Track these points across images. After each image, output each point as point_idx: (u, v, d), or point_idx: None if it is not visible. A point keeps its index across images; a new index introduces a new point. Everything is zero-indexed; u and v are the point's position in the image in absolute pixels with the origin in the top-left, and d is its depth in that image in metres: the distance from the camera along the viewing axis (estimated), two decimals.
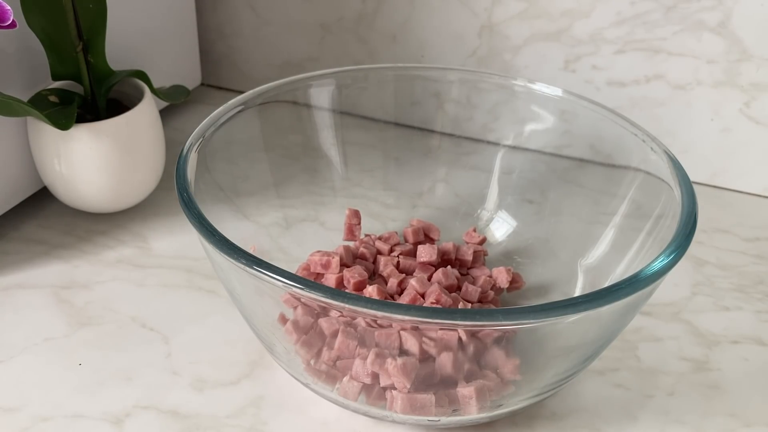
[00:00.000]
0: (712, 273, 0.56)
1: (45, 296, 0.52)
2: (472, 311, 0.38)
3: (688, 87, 0.61)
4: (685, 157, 0.49)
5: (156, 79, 0.57)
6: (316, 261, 0.49)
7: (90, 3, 0.52)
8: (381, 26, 0.67)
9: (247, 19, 0.71)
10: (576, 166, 0.54)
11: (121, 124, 0.53)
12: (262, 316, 0.44)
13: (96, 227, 0.57)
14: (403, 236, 0.54)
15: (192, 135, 0.47)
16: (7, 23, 0.46)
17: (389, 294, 0.47)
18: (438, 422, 0.42)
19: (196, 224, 0.41)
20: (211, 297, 0.52)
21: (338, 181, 0.56)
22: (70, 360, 0.47)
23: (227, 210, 0.50)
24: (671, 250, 0.40)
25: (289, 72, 0.54)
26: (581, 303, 0.37)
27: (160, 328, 0.50)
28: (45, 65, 0.54)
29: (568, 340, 0.42)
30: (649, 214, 0.47)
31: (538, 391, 0.43)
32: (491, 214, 0.55)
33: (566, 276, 0.50)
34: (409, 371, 0.40)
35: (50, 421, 0.44)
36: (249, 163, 0.53)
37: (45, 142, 0.53)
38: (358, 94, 0.56)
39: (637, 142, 0.49)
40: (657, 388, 0.47)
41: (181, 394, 0.45)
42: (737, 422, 0.45)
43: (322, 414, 0.44)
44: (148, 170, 0.56)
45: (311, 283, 0.37)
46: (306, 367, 0.43)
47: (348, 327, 0.42)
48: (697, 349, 0.50)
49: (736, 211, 0.62)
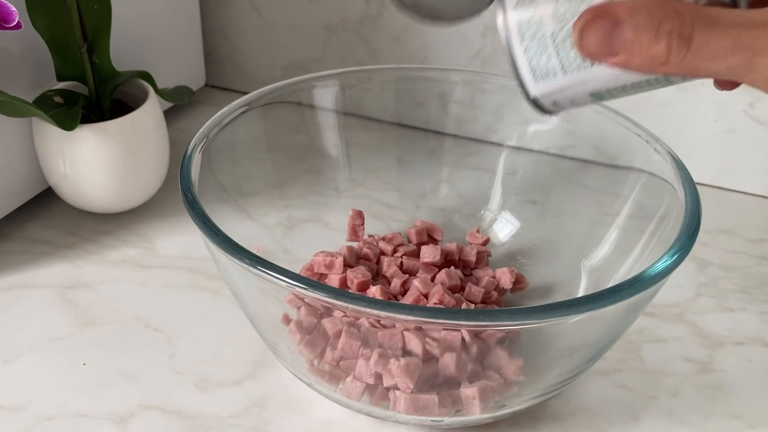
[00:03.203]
0: (715, 274, 0.56)
1: (49, 296, 0.52)
2: (476, 311, 0.38)
3: (692, 88, 0.61)
4: (689, 158, 0.49)
5: (160, 80, 0.57)
6: (319, 261, 0.49)
7: (95, 4, 0.52)
8: (385, 27, 0.67)
9: (251, 21, 0.71)
10: (579, 167, 0.54)
11: (126, 125, 0.54)
12: (265, 316, 0.44)
13: (100, 227, 0.57)
14: (406, 237, 0.54)
15: (196, 136, 0.47)
16: (12, 24, 0.46)
17: (392, 294, 0.48)
18: (441, 422, 0.42)
19: (200, 225, 0.41)
20: (215, 297, 0.52)
21: (342, 182, 0.56)
22: (74, 360, 0.47)
23: (231, 210, 0.50)
24: (675, 251, 0.40)
25: (293, 73, 0.54)
26: (584, 303, 0.37)
27: (164, 328, 0.50)
28: (50, 66, 0.54)
29: (571, 341, 0.42)
30: (653, 215, 0.47)
31: (542, 391, 0.43)
32: (495, 215, 0.55)
33: (570, 277, 0.50)
34: (412, 372, 0.40)
35: (54, 421, 0.44)
36: (253, 164, 0.53)
37: (50, 143, 0.53)
38: (362, 94, 0.56)
39: (640, 143, 0.49)
40: (660, 389, 0.47)
41: (185, 394, 0.45)
42: (741, 423, 0.45)
43: (325, 414, 0.45)
44: (153, 171, 0.57)
45: (315, 284, 0.37)
46: (309, 367, 0.43)
47: (351, 327, 0.42)
48: (701, 350, 0.50)
49: (740, 212, 0.62)
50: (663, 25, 0.28)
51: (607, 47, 0.30)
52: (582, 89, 0.34)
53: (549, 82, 0.34)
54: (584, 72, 0.33)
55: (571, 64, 0.33)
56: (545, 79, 0.34)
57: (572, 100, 0.35)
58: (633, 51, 0.29)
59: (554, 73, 0.34)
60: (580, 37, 0.30)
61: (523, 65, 0.34)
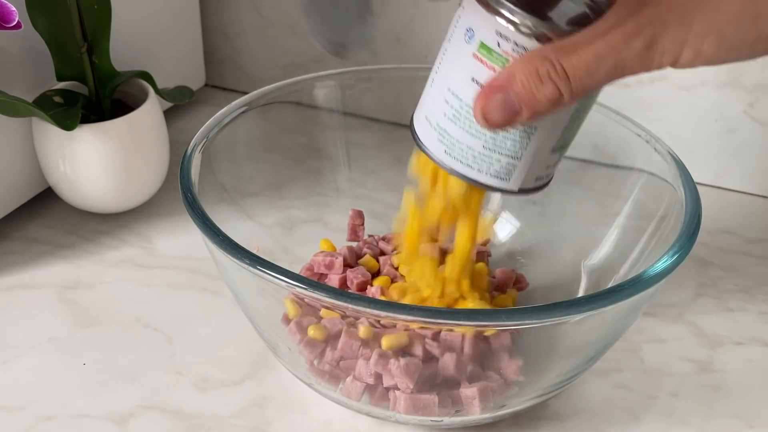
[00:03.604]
0: (716, 274, 0.55)
1: (49, 296, 0.52)
2: (476, 311, 0.38)
3: (693, 88, 0.61)
4: (689, 158, 0.49)
5: (160, 80, 0.57)
6: (319, 261, 0.49)
7: (94, 4, 0.52)
8: (385, 27, 0.67)
9: (251, 20, 0.71)
10: (580, 166, 0.54)
11: (126, 125, 0.54)
12: (265, 316, 0.44)
13: (100, 227, 0.57)
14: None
15: (196, 136, 0.47)
16: (12, 24, 0.46)
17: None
18: (441, 423, 0.42)
19: (200, 225, 0.41)
20: (215, 297, 0.52)
21: (342, 182, 0.56)
22: (74, 360, 0.47)
23: (231, 210, 0.50)
24: (675, 251, 0.40)
25: (292, 73, 0.54)
26: (585, 303, 0.38)
27: (164, 329, 0.50)
28: (50, 66, 0.54)
29: (571, 341, 0.42)
30: (653, 215, 0.47)
31: (542, 391, 0.43)
32: (495, 215, 0.55)
33: (570, 277, 0.50)
34: (412, 372, 0.40)
35: (54, 421, 0.44)
36: (253, 164, 0.53)
37: (49, 143, 0.53)
38: (362, 94, 0.56)
39: (641, 143, 0.49)
40: (661, 389, 0.47)
41: (184, 394, 0.45)
42: (741, 423, 0.45)
43: (325, 414, 0.45)
44: (152, 171, 0.57)
45: (315, 284, 0.37)
46: (309, 367, 0.43)
47: (351, 327, 0.42)
48: (701, 351, 0.50)
49: (740, 212, 0.62)
50: (540, 71, 0.33)
51: (510, 112, 0.34)
52: (543, 155, 0.37)
53: (516, 173, 0.37)
54: (530, 147, 0.37)
55: (517, 150, 0.37)
56: (512, 173, 0.38)
57: (546, 165, 0.38)
58: (531, 102, 0.33)
59: (513, 166, 0.37)
60: (486, 119, 0.34)
61: (489, 180, 0.38)
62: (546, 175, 0.39)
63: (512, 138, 0.36)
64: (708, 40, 0.32)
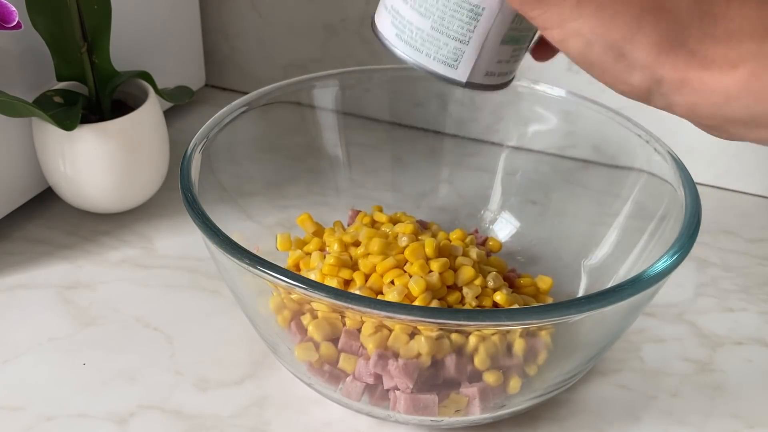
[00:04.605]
0: (716, 274, 0.56)
1: (49, 296, 0.52)
2: (476, 311, 0.38)
3: None
4: (689, 157, 0.49)
5: (160, 80, 0.57)
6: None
7: (95, 4, 0.52)
8: None
9: (251, 21, 0.71)
10: (580, 167, 0.54)
11: (126, 125, 0.54)
12: (265, 316, 0.44)
13: (100, 227, 0.57)
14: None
15: (196, 136, 0.47)
16: (12, 24, 0.46)
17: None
18: (441, 423, 0.42)
19: (200, 225, 0.41)
20: (215, 297, 0.52)
21: (342, 182, 0.56)
22: (74, 360, 0.47)
23: (231, 210, 0.50)
24: (675, 251, 0.40)
25: (292, 73, 0.54)
26: (585, 303, 0.38)
27: (163, 329, 0.50)
28: (50, 66, 0.54)
29: (571, 341, 0.42)
30: (653, 215, 0.47)
31: (542, 391, 0.43)
32: (494, 215, 0.55)
33: (570, 277, 0.50)
34: (411, 372, 0.40)
35: (54, 421, 0.44)
36: (253, 164, 0.53)
37: (49, 143, 0.53)
38: (362, 95, 0.56)
39: (640, 143, 0.49)
40: (660, 389, 0.47)
41: (184, 394, 0.45)
42: (741, 423, 0.45)
43: (325, 414, 0.45)
44: (153, 171, 0.57)
45: (315, 284, 0.37)
46: (309, 367, 0.43)
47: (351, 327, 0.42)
48: (701, 351, 0.50)
49: (740, 212, 0.62)
50: None
51: None
52: (491, 44, 0.37)
53: (464, 60, 0.37)
54: (478, 31, 0.36)
55: (464, 32, 0.36)
56: (460, 59, 0.37)
57: (497, 59, 0.37)
58: None
59: (461, 51, 0.37)
60: None
61: (437, 66, 0.37)
62: (498, 72, 0.39)
63: (459, 18, 0.36)
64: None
